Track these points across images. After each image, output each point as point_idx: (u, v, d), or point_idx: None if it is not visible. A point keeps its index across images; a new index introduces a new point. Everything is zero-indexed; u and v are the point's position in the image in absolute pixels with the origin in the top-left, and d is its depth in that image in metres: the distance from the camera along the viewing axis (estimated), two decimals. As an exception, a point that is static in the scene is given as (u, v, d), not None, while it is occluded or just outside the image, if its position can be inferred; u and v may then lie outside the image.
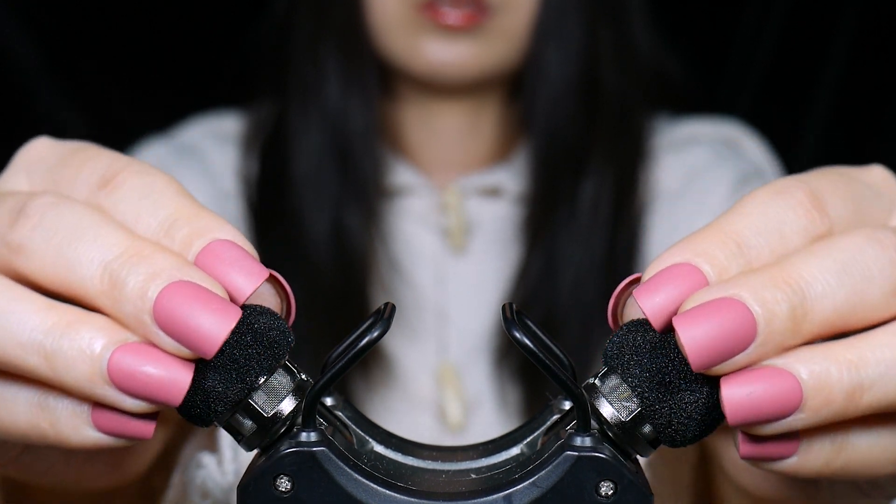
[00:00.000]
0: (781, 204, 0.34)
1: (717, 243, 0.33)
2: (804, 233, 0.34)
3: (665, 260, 0.33)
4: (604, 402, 0.34)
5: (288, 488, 0.33)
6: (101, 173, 0.36)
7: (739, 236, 0.33)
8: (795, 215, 0.34)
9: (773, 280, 0.32)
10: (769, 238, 0.34)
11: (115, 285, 0.33)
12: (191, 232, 0.34)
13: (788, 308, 0.32)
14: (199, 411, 0.34)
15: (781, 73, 1.27)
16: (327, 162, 0.88)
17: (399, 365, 0.88)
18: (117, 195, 0.35)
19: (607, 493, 0.33)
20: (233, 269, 0.34)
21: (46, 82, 1.20)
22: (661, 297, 0.33)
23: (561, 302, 0.86)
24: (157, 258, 0.33)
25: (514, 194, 0.91)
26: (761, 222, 0.34)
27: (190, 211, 0.35)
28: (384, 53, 0.88)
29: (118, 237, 0.34)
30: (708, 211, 0.89)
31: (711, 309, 0.32)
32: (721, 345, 0.32)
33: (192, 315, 0.32)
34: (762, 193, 0.35)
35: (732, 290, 0.32)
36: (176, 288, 0.32)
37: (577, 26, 0.88)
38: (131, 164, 0.36)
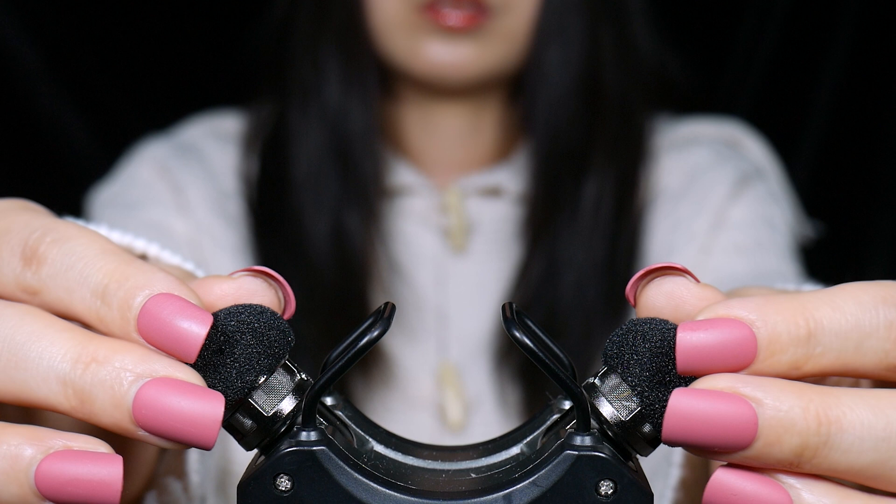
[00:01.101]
0: (880, 315, 0.31)
1: (790, 322, 0.31)
2: (881, 355, 0.31)
3: (731, 308, 0.32)
4: (604, 401, 0.34)
5: (288, 487, 0.33)
6: (21, 250, 0.34)
7: (817, 327, 0.31)
8: (886, 335, 0.31)
9: (806, 413, 0.30)
10: (844, 344, 0.31)
11: (84, 401, 0.32)
12: (125, 295, 0.32)
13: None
14: (199, 411, 0.34)
15: (781, 73, 1.27)
16: (327, 162, 0.88)
17: (399, 365, 0.88)
18: (44, 273, 0.33)
19: (607, 493, 0.33)
20: (178, 319, 0.32)
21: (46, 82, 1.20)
22: (701, 336, 0.31)
23: (562, 302, 0.86)
24: (118, 358, 0.32)
25: (515, 194, 0.91)
26: (847, 325, 0.31)
27: (118, 271, 0.33)
28: (385, 54, 0.88)
29: (66, 343, 0.32)
30: (708, 210, 0.89)
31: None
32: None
33: (177, 415, 0.31)
34: (865, 294, 0.32)
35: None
36: (148, 389, 0.31)
37: (578, 27, 0.88)
38: (48, 231, 0.34)
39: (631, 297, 0.35)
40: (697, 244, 0.88)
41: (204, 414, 0.31)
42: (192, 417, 0.31)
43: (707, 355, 0.31)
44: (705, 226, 0.89)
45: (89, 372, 0.31)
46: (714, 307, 0.32)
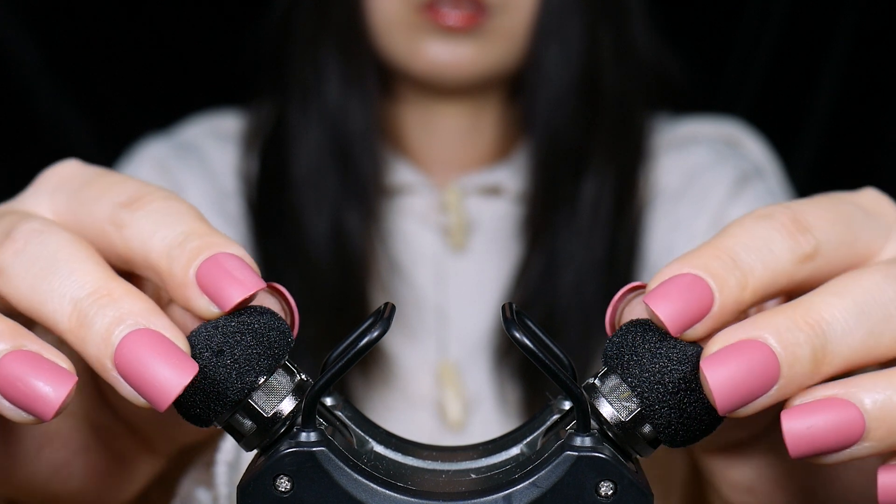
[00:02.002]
0: (765, 226, 0.35)
1: (712, 257, 0.34)
2: (791, 252, 0.35)
3: (668, 272, 0.34)
4: (604, 402, 0.34)
5: (288, 488, 0.33)
6: (130, 194, 0.37)
7: (732, 251, 0.34)
8: (780, 236, 0.35)
9: (796, 322, 0.33)
10: (760, 254, 0.34)
11: (83, 325, 0.33)
12: (201, 244, 0.35)
13: (810, 351, 0.33)
14: (198, 411, 0.34)
15: (781, 73, 1.27)
16: (327, 161, 0.88)
17: (399, 364, 0.88)
18: (140, 213, 0.36)
19: (607, 493, 0.33)
20: (230, 276, 0.34)
21: (46, 82, 1.20)
22: (671, 303, 0.34)
23: (561, 301, 0.86)
24: (126, 301, 0.34)
25: (515, 193, 0.91)
26: (749, 241, 0.35)
27: (205, 229, 0.36)
28: (384, 54, 0.88)
29: (92, 275, 0.34)
30: (708, 210, 0.89)
31: (736, 351, 0.32)
32: (745, 388, 0.32)
33: (149, 366, 0.33)
34: (745, 219, 0.36)
35: (756, 331, 0.33)
36: (138, 336, 0.33)
37: (577, 26, 0.88)
38: (159, 190, 0.37)
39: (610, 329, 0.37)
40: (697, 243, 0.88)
41: (168, 379, 0.32)
42: (156, 377, 0.32)
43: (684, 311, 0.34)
44: (705, 225, 0.89)
45: (99, 303, 0.33)
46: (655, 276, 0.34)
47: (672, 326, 0.33)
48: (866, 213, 0.37)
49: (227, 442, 0.47)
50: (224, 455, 0.47)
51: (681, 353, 0.34)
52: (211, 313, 0.35)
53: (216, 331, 0.34)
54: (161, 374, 0.32)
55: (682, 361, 0.33)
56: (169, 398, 0.33)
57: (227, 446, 0.47)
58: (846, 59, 1.24)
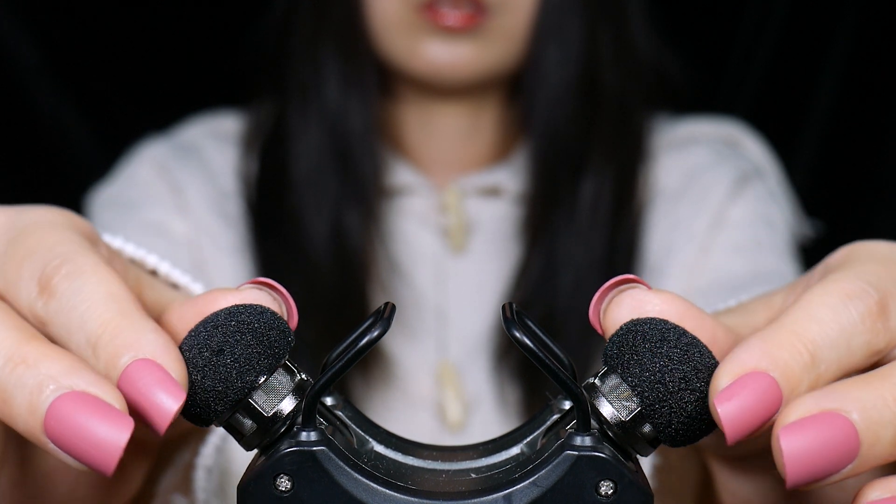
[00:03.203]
0: (853, 313, 0.33)
1: (792, 353, 0.33)
2: (867, 347, 0.34)
3: (742, 363, 0.33)
4: (604, 401, 0.34)
5: (288, 488, 0.33)
6: (38, 277, 0.35)
7: (814, 347, 0.33)
8: (863, 328, 0.33)
9: (884, 398, 0.31)
10: (839, 352, 0.33)
11: (5, 400, 0.32)
12: (113, 351, 0.33)
13: (894, 433, 0.31)
14: (199, 411, 0.34)
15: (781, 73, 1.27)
16: (327, 162, 0.88)
17: (399, 364, 0.88)
18: (52, 306, 0.34)
19: (607, 493, 0.33)
20: (153, 391, 0.32)
21: (46, 82, 1.20)
22: (738, 406, 0.32)
23: (560, 301, 0.86)
24: (43, 365, 0.32)
25: (514, 194, 0.91)
26: (833, 333, 0.33)
27: (112, 324, 0.33)
28: (384, 54, 0.88)
29: (4, 341, 0.32)
30: (707, 210, 0.89)
31: (817, 424, 0.31)
32: (822, 464, 0.31)
33: (83, 430, 0.31)
34: (834, 297, 0.34)
35: (841, 403, 0.31)
36: (64, 401, 0.31)
37: (577, 26, 0.88)
38: (65, 261, 0.35)
39: (596, 324, 0.36)
40: (696, 244, 0.88)
41: (107, 439, 0.31)
42: (95, 439, 0.31)
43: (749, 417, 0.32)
44: (704, 225, 0.89)
45: (16, 373, 0.32)
46: (729, 367, 0.33)
47: (731, 432, 0.32)
48: None
49: (206, 447, 0.46)
50: (203, 460, 0.46)
51: (681, 352, 0.34)
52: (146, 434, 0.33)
53: (216, 330, 0.34)
54: (99, 433, 0.31)
55: (683, 361, 0.33)
56: (113, 459, 0.31)
57: (206, 451, 0.46)
58: (846, 59, 1.24)
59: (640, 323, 0.34)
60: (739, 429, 0.32)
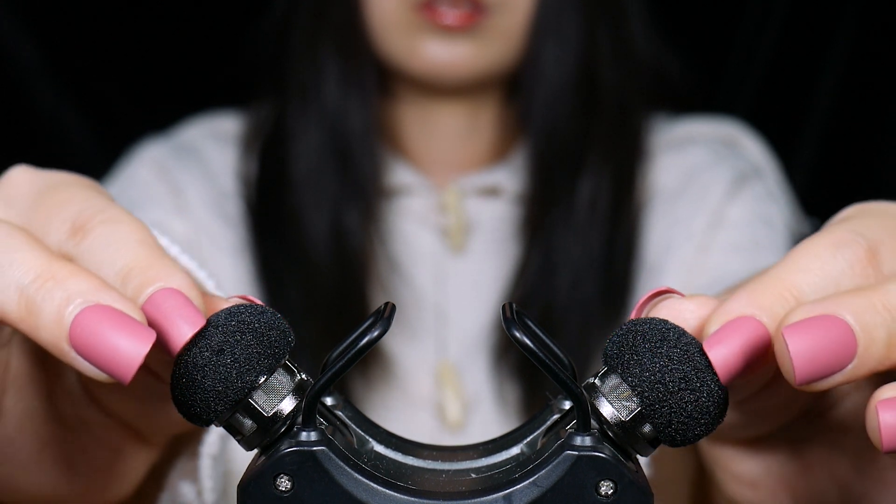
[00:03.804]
0: (840, 261, 0.35)
1: (777, 298, 0.34)
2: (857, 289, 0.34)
3: (729, 311, 0.34)
4: (604, 401, 0.34)
5: (288, 488, 0.33)
6: (72, 221, 0.37)
7: (799, 293, 0.34)
8: (852, 273, 0.34)
9: (874, 305, 0.33)
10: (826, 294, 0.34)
11: (32, 312, 0.33)
12: (141, 282, 0.34)
13: (886, 334, 0.33)
14: (198, 410, 0.34)
15: (781, 73, 1.27)
16: (326, 162, 0.88)
17: (398, 364, 0.88)
18: (84, 245, 0.36)
19: (607, 493, 0.33)
20: (174, 315, 0.34)
21: (46, 82, 1.20)
22: (728, 348, 0.33)
23: (559, 300, 0.86)
24: (72, 281, 0.33)
25: (513, 194, 0.91)
26: (820, 280, 0.34)
27: (145, 261, 0.35)
28: (383, 54, 0.88)
29: (34, 261, 0.34)
30: (706, 210, 0.89)
31: (816, 324, 0.32)
32: (823, 360, 0.32)
33: (106, 339, 0.32)
34: (821, 247, 0.35)
35: (835, 308, 0.33)
36: (90, 312, 0.33)
37: (575, 25, 0.88)
38: (101, 211, 0.37)
39: None
40: (695, 243, 0.88)
41: (129, 348, 0.32)
42: (117, 348, 0.32)
43: (741, 360, 0.33)
44: (703, 225, 0.89)
45: (45, 287, 0.33)
46: (716, 317, 0.34)
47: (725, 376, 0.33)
48: None
49: (211, 434, 0.47)
50: (208, 448, 0.47)
51: (682, 352, 0.34)
52: None
53: (216, 330, 0.34)
54: (120, 345, 0.32)
55: (683, 361, 0.33)
56: (131, 368, 0.32)
57: (210, 439, 0.47)
58: (846, 59, 1.24)
59: (640, 323, 0.34)
60: (731, 369, 0.33)
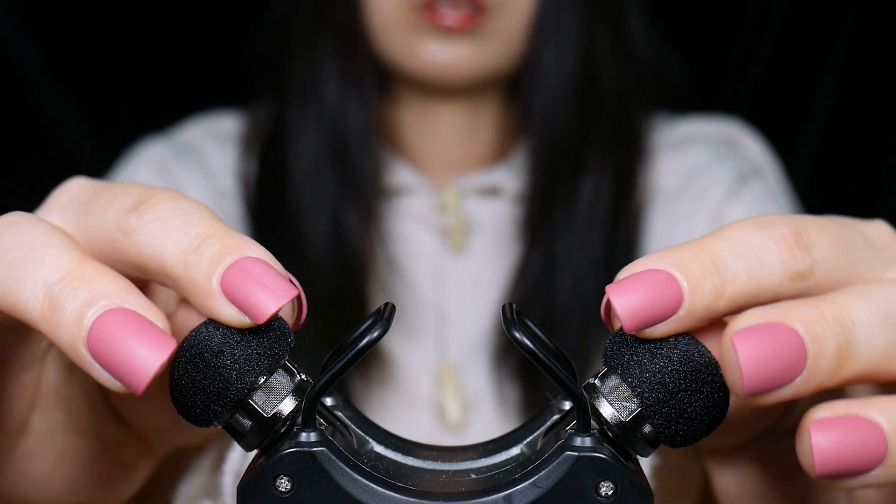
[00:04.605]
0: (763, 235, 0.34)
1: (693, 258, 0.33)
2: (784, 266, 0.33)
3: (641, 265, 0.34)
4: (604, 402, 0.34)
5: (288, 488, 0.33)
6: (135, 198, 0.35)
7: (717, 256, 0.33)
8: (777, 248, 0.33)
9: (824, 315, 0.32)
10: (747, 264, 0.33)
11: (55, 309, 0.32)
12: (222, 248, 0.33)
13: (836, 347, 0.32)
14: (198, 411, 0.34)
15: (781, 73, 1.27)
16: (326, 162, 0.88)
17: (398, 364, 0.88)
18: (149, 216, 0.34)
19: (607, 494, 0.33)
20: (261, 285, 0.33)
21: (46, 82, 1.20)
22: (635, 297, 0.33)
23: (560, 300, 0.86)
24: (99, 282, 0.32)
25: (513, 194, 0.91)
26: (741, 248, 0.33)
27: (221, 230, 0.34)
28: (382, 54, 0.88)
29: (65, 259, 0.33)
30: (706, 209, 0.89)
31: (766, 331, 0.32)
32: (772, 371, 0.31)
33: (124, 345, 0.31)
34: (745, 223, 0.34)
35: (785, 317, 0.32)
36: (112, 316, 0.32)
37: (575, 26, 0.88)
38: (165, 191, 0.36)
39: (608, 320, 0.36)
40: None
41: (146, 356, 0.31)
42: (134, 354, 0.31)
43: (646, 308, 0.33)
44: (703, 225, 0.89)
45: (71, 286, 0.32)
46: (628, 267, 0.34)
47: (627, 321, 0.33)
48: (869, 243, 0.36)
49: (234, 452, 0.46)
50: (231, 465, 0.46)
51: (681, 353, 0.34)
52: (242, 323, 0.33)
53: (216, 331, 0.34)
54: (137, 352, 0.31)
55: (683, 361, 0.33)
56: (146, 377, 0.31)
57: (234, 457, 0.46)
58: (846, 59, 1.24)
59: (640, 323, 0.34)
60: (635, 317, 0.33)
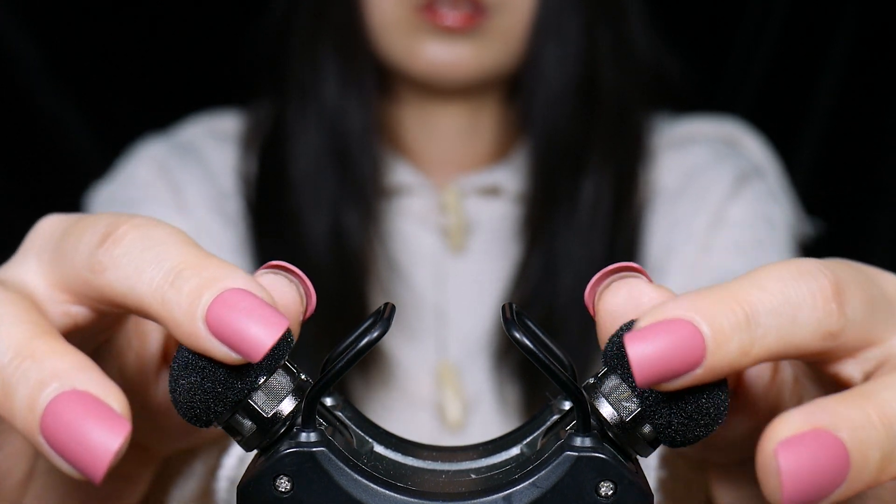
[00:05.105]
0: (802, 287, 0.31)
1: (725, 309, 0.31)
2: (818, 324, 0.31)
3: (666, 311, 0.31)
4: (603, 402, 0.34)
5: (287, 488, 0.33)
6: (102, 231, 0.33)
7: (751, 308, 0.31)
8: (813, 303, 0.31)
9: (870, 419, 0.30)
10: (781, 320, 0.31)
11: (8, 395, 0.30)
12: (200, 282, 0.31)
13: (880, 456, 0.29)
14: (198, 411, 0.34)
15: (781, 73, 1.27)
16: (326, 162, 0.88)
17: (398, 364, 0.88)
18: (118, 249, 0.32)
19: (607, 494, 0.33)
20: (250, 320, 0.31)
21: (46, 82, 1.20)
22: (652, 348, 0.30)
23: (560, 301, 0.86)
24: (49, 361, 0.30)
25: (514, 194, 0.91)
26: (777, 302, 0.31)
27: (197, 260, 0.32)
28: (383, 54, 0.88)
29: (17, 336, 0.31)
30: (707, 209, 0.89)
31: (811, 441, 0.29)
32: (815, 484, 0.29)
33: (77, 432, 0.29)
34: (784, 269, 0.32)
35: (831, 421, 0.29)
36: (64, 400, 0.29)
37: (575, 26, 0.88)
38: (132, 218, 0.34)
39: (590, 304, 0.35)
40: (697, 243, 0.88)
41: (100, 442, 0.29)
42: (87, 442, 0.29)
43: (663, 362, 0.30)
44: (704, 224, 0.89)
45: (22, 367, 0.30)
46: (651, 313, 0.31)
47: (639, 374, 0.30)
48: (886, 298, 0.34)
49: (230, 458, 0.46)
50: (227, 471, 0.46)
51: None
52: (238, 361, 0.31)
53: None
54: (92, 436, 0.29)
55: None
56: (102, 466, 0.29)
57: (230, 462, 0.46)
58: (846, 59, 1.24)
59: (640, 323, 0.34)
60: (649, 371, 0.30)
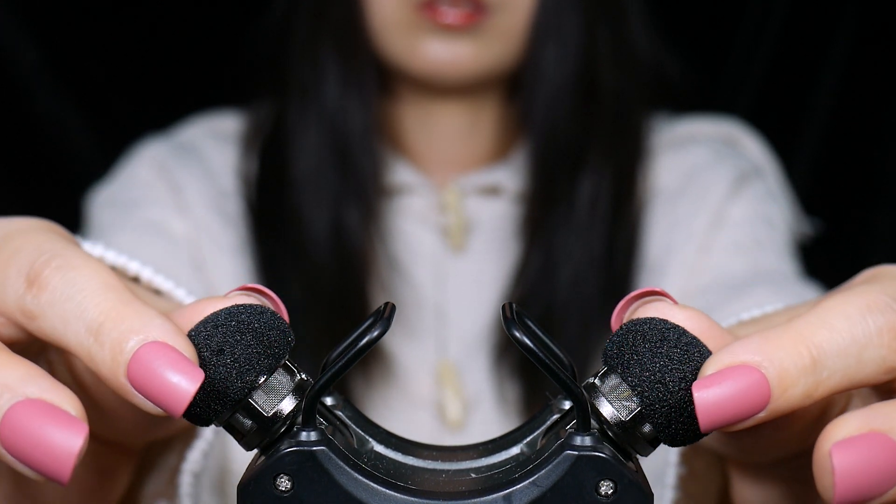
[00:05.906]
0: (870, 325, 0.32)
1: (792, 353, 0.31)
2: (882, 362, 0.32)
3: (734, 354, 0.32)
4: (604, 401, 0.34)
5: (288, 488, 0.33)
6: (26, 273, 0.34)
7: (819, 351, 0.32)
8: (880, 341, 0.32)
9: None
10: (847, 362, 0.32)
11: None
12: (119, 336, 0.32)
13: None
14: (199, 411, 0.34)
15: (781, 73, 1.27)
16: (326, 161, 0.88)
17: (398, 363, 0.88)
18: (44, 298, 0.33)
19: (607, 493, 0.33)
20: (168, 372, 0.31)
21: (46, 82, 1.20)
22: (715, 394, 0.32)
23: (559, 299, 0.86)
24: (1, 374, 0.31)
25: (514, 193, 0.91)
26: (845, 343, 0.32)
27: (114, 311, 0.32)
28: (383, 53, 0.88)
29: None
30: (707, 209, 0.89)
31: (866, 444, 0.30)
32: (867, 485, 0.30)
33: (37, 437, 0.30)
34: (852, 307, 0.32)
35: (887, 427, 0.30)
36: (20, 409, 0.30)
37: (575, 25, 0.88)
38: (54, 256, 0.34)
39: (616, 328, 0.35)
40: (696, 243, 0.88)
41: (61, 445, 0.30)
42: (49, 446, 0.30)
43: (728, 409, 0.32)
44: (704, 224, 0.89)
45: None
46: (719, 357, 0.32)
47: (704, 421, 0.32)
48: None
49: (193, 452, 0.46)
50: (190, 465, 0.46)
51: (682, 352, 0.34)
52: (164, 414, 0.32)
53: (216, 330, 0.34)
54: (53, 440, 0.30)
55: (683, 361, 0.33)
56: (67, 467, 0.30)
57: (193, 456, 0.46)
58: (846, 59, 1.24)
59: (641, 323, 0.34)
60: (713, 418, 0.32)
